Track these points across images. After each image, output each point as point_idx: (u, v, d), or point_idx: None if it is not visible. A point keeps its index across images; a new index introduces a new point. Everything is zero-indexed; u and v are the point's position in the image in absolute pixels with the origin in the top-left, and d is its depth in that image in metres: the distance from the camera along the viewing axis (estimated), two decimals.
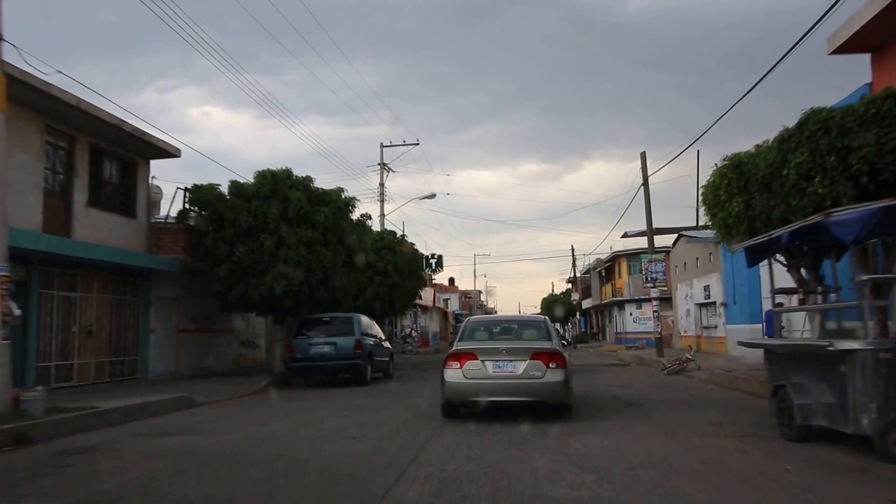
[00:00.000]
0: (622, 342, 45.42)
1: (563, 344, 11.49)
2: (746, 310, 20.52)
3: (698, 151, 34.43)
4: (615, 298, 45.76)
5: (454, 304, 78.82)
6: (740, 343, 9.31)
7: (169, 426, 10.14)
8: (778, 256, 10.01)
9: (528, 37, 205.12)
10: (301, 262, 17.52)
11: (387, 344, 20.42)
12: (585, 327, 60.55)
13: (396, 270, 27.10)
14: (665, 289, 25.46)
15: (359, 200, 21.36)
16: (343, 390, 16.08)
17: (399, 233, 31.40)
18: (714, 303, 24.84)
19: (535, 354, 9.08)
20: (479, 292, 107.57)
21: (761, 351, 8.42)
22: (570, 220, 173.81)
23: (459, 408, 9.64)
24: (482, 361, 9.11)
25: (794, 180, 9.16)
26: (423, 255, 31.98)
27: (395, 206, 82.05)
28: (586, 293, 58.26)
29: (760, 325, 19.94)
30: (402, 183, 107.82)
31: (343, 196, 20.08)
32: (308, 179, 18.93)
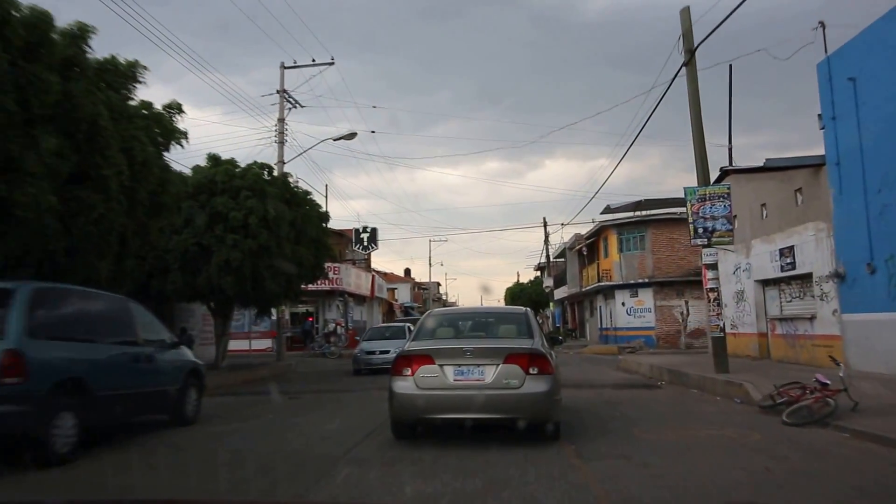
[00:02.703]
0: (610, 340, 35.15)
1: (556, 341, 9.45)
2: None
3: (731, 65, 24.29)
4: (601, 284, 35.39)
5: (404, 296, 67.89)
6: None
7: None
8: None
9: (490, 37, 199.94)
10: None
11: (176, 354, 9.51)
12: (561, 322, 50.17)
13: (268, 227, 16.15)
14: (731, 248, 14.92)
15: (147, 69, 10.72)
16: None
17: (292, 178, 20.42)
18: (807, 276, 14.48)
19: (511, 357, 7.06)
20: (438, 284, 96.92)
21: None
22: (535, 217, 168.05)
23: (415, 426, 7.59)
24: (440, 366, 7.10)
25: None
26: (326, 212, 20.97)
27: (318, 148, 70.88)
28: (560, 280, 47.91)
29: None
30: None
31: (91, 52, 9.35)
32: None
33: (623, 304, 33.99)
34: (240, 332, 33.27)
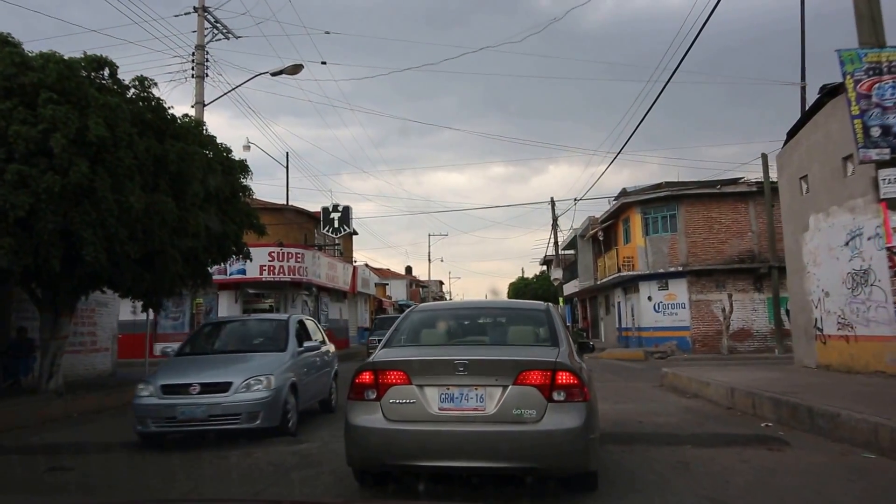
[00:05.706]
0: (632, 343, 28.64)
1: (585, 348, 6.49)
2: None
3: None
4: (622, 274, 28.80)
5: (399, 293, 61.41)
6: None
7: None
8: None
9: (494, 44, 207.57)
10: None
11: None
12: (571, 321, 43.55)
13: (94, 155, 9.74)
14: None
15: None
16: None
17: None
18: None
19: (526, 374, 4.64)
20: (441, 283, 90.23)
21: None
22: (541, 218, 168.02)
23: (387, 473, 4.95)
24: (419, 388, 4.72)
25: None
26: (242, 161, 14.51)
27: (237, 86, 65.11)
28: (569, 274, 41.37)
29: None
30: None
31: None
32: None
33: (649, 298, 27.43)
34: (179, 333, 27.23)
